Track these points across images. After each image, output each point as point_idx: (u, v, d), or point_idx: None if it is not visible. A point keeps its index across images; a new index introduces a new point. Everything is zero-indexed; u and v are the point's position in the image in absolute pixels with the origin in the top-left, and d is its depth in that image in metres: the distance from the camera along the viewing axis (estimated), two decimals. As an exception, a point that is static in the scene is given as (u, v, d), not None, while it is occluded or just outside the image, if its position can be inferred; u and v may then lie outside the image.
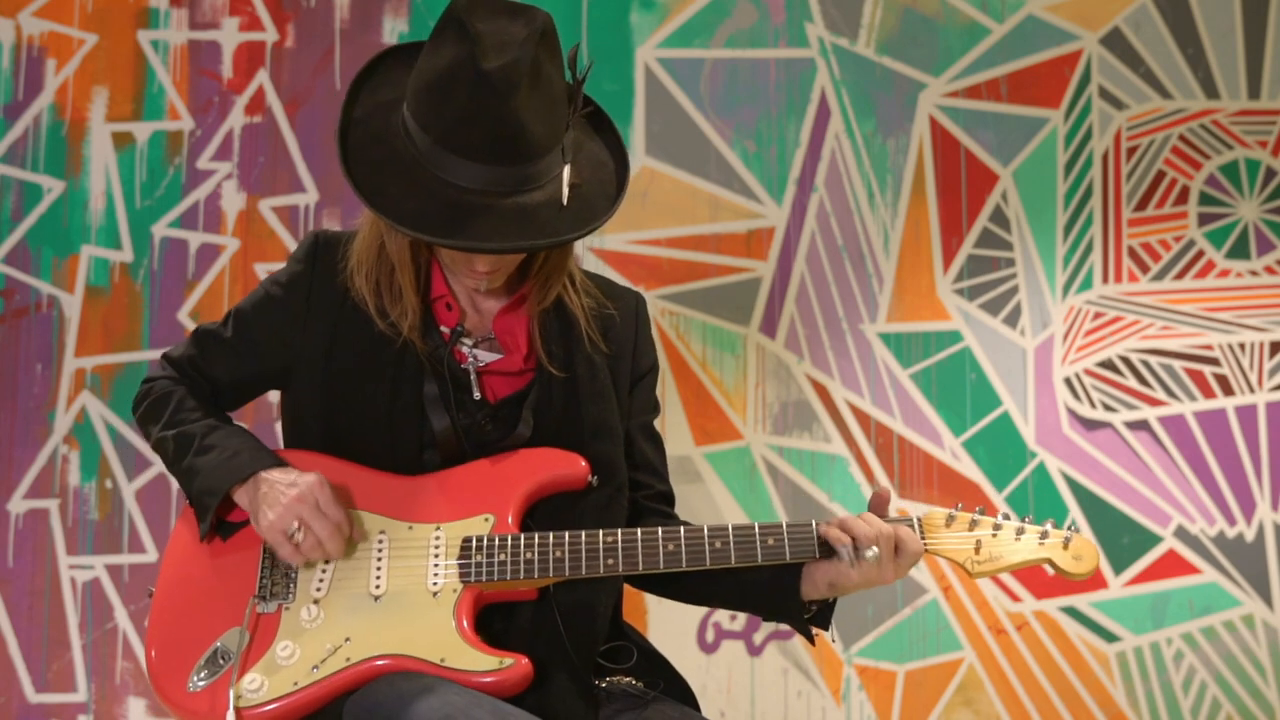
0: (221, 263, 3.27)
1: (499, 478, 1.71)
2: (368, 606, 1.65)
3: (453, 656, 1.60)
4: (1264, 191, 3.27)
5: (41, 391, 3.22)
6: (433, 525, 1.69)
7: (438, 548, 1.67)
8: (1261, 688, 3.16)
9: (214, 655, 1.64)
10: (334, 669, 1.61)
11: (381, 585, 1.65)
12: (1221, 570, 3.18)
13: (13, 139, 3.29)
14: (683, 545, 1.68)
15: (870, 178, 3.31)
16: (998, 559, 1.74)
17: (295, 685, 1.60)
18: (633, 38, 3.33)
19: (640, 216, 3.29)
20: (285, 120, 3.31)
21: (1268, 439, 3.21)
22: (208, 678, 1.62)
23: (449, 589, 1.65)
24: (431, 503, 1.71)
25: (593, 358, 1.78)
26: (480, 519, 1.69)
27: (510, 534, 1.67)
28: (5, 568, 3.17)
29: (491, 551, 1.65)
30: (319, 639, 1.63)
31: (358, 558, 1.68)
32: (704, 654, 3.18)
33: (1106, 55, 3.32)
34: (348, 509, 1.68)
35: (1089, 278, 3.27)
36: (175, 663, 1.65)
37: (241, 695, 1.60)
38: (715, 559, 1.68)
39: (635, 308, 1.89)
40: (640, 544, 1.67)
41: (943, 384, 3.25)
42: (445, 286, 1.77)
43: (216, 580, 1.70)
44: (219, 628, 1.65)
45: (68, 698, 3.14)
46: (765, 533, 1.69)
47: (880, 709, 3.17)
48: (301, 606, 1.65)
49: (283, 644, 1.63)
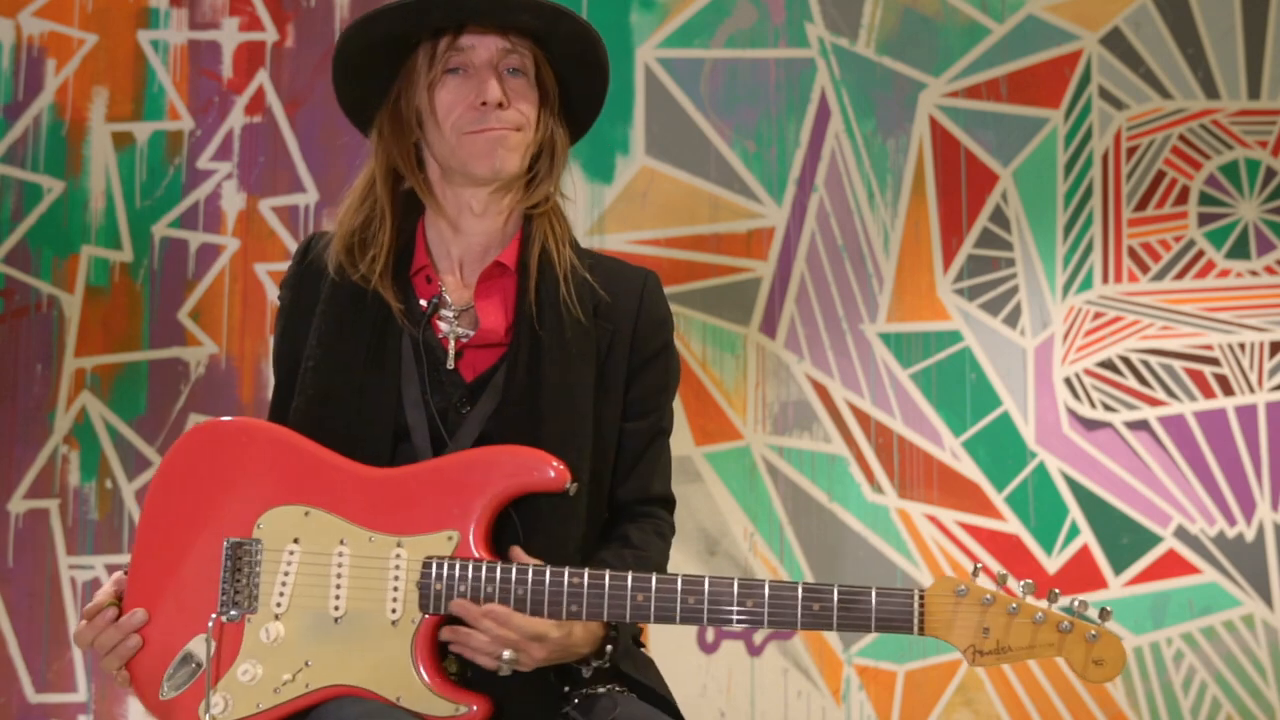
0: (221, 263, 3.27)
1: (464, 485, 1.63)
2: (327, 628, 1.62)
3: (409, 697, 1.58)
4: (1264, 191, 3.27)
5: (41, 391, 3.22)
6: (394, 540, 1.63)
7: (398, 568, 1.61)
8: (1261, 688, 3.16)
9: (182, 661, 1.64)
10: (294, 694, 1.61)
11: (341, 606, 1.62)
12: (1221, 570, 3.18)
13: (13, 139, 3.29)
14: (652, 598, 1.56)
15: (870, 178, 3.31)
16: (1005, 649, 1.45)
17: (258, 707, 1.61)
18: (633, 38, 3.33)
19: (640, 216, 3.29)
20: (285, 120, 3.31)
21: (1268, 439, 3.21)
22: (177, 686, 1.64)
23: (408, 619, 1.60)
24: (394, 508, 1.65)
25: (566, 321, 1.72)
26: (443, 536, 1.62)
27: (472, 561, 1.59)
28: (5, 568, 3.17)
29: (452, 580, 1.59)
30: (279, 661, 1.62)
31: (316, 569, 1.64)
32: (704, 654, 3.19)
33: (1106, 55, 3.32)
34: (306, 507, 1.65)
35: (1089, 278, 3.27)
36: (149, 667, 1.67)
37: (208, 711, 1.62)
38: (686, 616, 1.55)
39: (642, 285, 1.81)
40: (607, 593, 1.57)
41: (943, 384, 3.25)
42: (426, 257, 1.77)
43: (186, 578, 1.68)
44: (189, 632, 1.65)
45: (68, 698, 3.14)
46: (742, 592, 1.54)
47: (880, 709, 3.17)
48: (263, 623, 1.63)
49: (244, 666, 1.62)
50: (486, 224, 1.77)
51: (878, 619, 1.48)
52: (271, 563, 1.65)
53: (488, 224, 1.77)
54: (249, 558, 1.65)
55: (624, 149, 3.30)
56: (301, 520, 1.66)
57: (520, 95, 1.73)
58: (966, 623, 1.45)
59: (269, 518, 1.67)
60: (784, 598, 1.52)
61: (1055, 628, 1.44)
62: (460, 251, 1.78)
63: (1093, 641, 1.43)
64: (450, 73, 1.72)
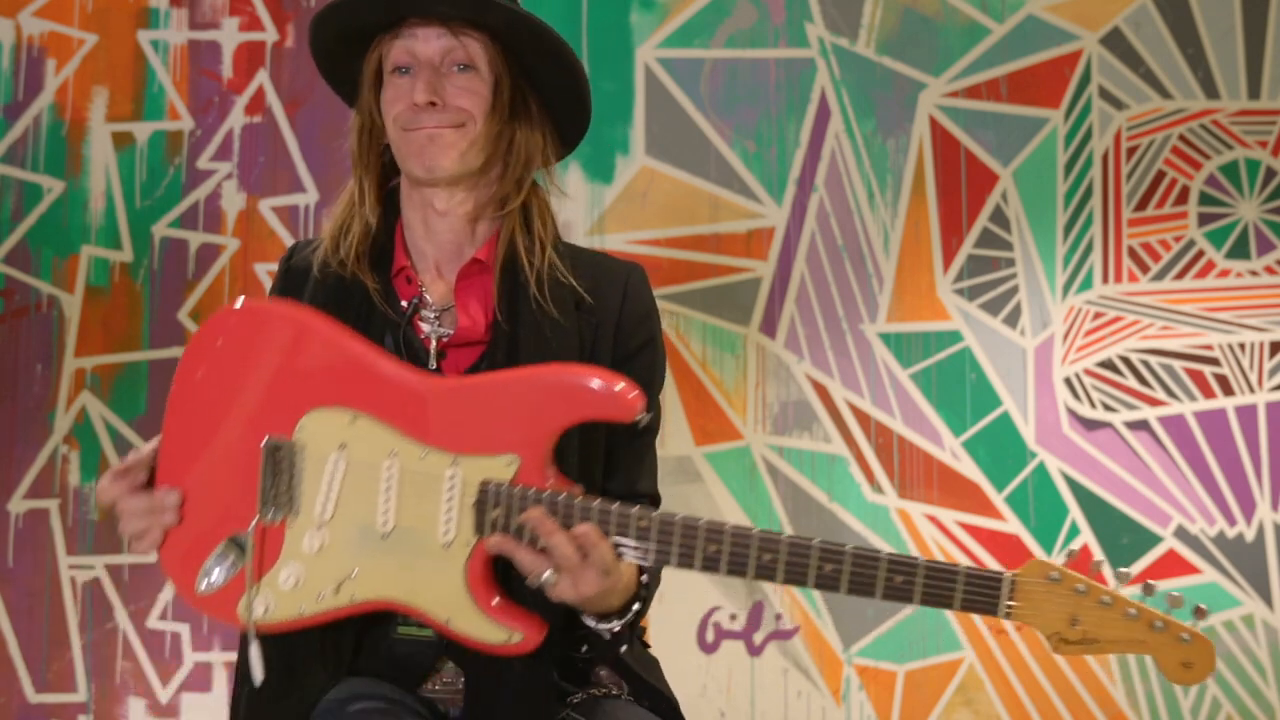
0: (221, 263, 3.27)
1: (531, 404, 1.53)
2: (374, 541, 1.55)
3: (460, 619, 1.53)
4: (1264, 191, 3.27)
5: (41, 391, 3.22)
6: (449, 458, 1.54)
7: (452, 489, 1.53)
8: (1261, 688, 3.16)
9: (220, 556, 1.58)
10: (338, 604, 1.56)
11: (389, 521, 1.55)
12: (1221, 570, 3.18)
13: (13, 139, 3.29)
14: (772, 554, 1.47)
15: (870, 178, 3.31)
16: (1092, 641, 1.38)
17: (301, 612, 1.57)
18: (633, 38, 3.33)
19: (640, 216, 3.29)
20: (285, 120, 3.31)
21: (1268, 439, 3.21)
22: (215, 582, 1.58)
23: (461, 541, 1.53)
24: (450, 423, 1.55)
25: (541, 316, 1.69)
26: (503, 460, 1.53)
27: (535, 489, 1.52)
28: (5, 568, 3.17)
29: (510, 507, 1.51)
30: (323, 570, 1.56)
31: (364, 479, 1.56)
32: (704, 654, 3.18)
33: (1106, 55, 3.32)
34: (354, 412, 1.57)
35: (1089, 278, 3.27)
36: (185, 555, 1.60)
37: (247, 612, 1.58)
38: (761, 571, 1.47)
39: (625, 279, 1.78)
40: (703, 537, 1.47)
41: (943, 384, 3.25)
42: (405, 258, 1.77)
43: (221, 470, 1.60)
44: (226, 527, 1.58)
45: (68, 698, 3.14)
46: (823, 554, 1.47)
47: (880, 709, 3.17)
48: (305, 529, 1.57)
49: (285, 571, 1.56)
50: (452, 222, 1.75)
51: (964, 599, 1.42)
52: (314, 468, 1.57)
53: (453, 222, 1.75)
54: (289, 460, 1.58)
55: (624, 149, 3.30)
56: (347, 426, 1.58)
57: (464, 90, 1.69)
58: (1055, 610, 1.40)
59: (312, 419, 1.59)
60: (867, 565, 1.45)
61: (1149, 625, 1.38)
62: (434, 250, 1.77)
63: (1185, 644, 1.37)
64: (398, 71, 1.72)
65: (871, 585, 1.44)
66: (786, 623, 3.19)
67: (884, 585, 1.43)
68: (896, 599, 1.44)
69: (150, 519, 1.60)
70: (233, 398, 1.61)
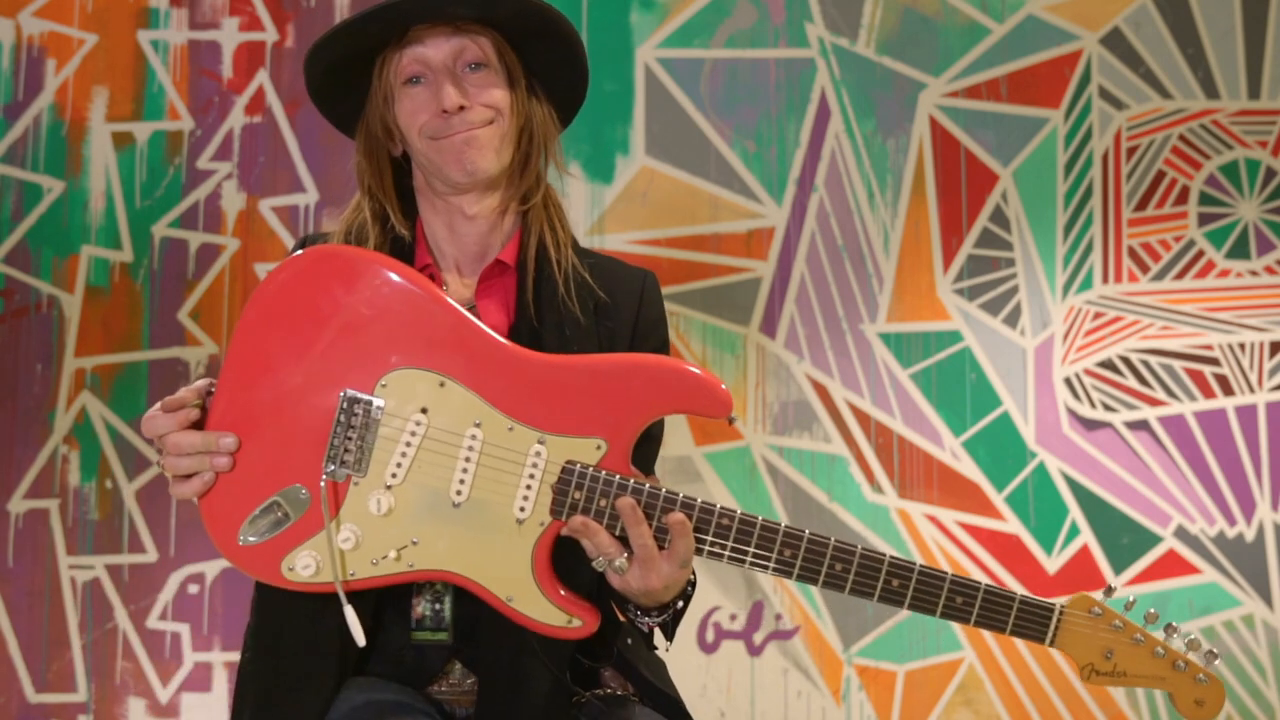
0: (221, 263, 3.27)
1: (627, 391, 1.52)
2: (444, 510, 1.51)
3: (521, 599, 1.51)
4: (1264, 191, 3.27)
5: (41, 391, 3.22)
6: (536, 434, 1.52)
7: (535, 465, 1.51)
8: (1261, 688, 3.16)
9: (269, 508, 1.52)
10: (393, 570, 1.52)
11: (464, 491, 1.51)
12: (1221, 570, 3.18)
13: (13, 139, 3.29)
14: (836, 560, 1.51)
15: (870, 178, 3.31)
16: (1121, 674, 1.52)
17: (351, 575, 1.51)
18: (633, 38, 3.33)
19: (640, 216, 3.29)
20: (285, 120, 3.31)
21: (1268, 439, 3.21)
22: (261, 534, 1.52)
23: (535, 520, 1.51)
24: (541, 399, 1.52)
25: (565, 316, 1.69)
26: (592, 443, 1.52)
27: (619, 475, 1.51)
28: (5, 568, 3.17)
29: (593, 493, 1.51)
30: (384, 534, 1.51)
31: (444, 446, 1.52)
32: (704, 654, 3.18)
33: (1106, 55, 3.32)
34: (443, 376, 1.52)
35: (1089, 278, 3.27)
36: (230, 504, 1.53)
37: (293, 569, 1.52)
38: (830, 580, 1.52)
39: (641, 285, 1.79)
40: (781, 541, 1.51)
41: (943, 384, 3.25)
42: (429, 257, 1.76)
43: (285, 419, 1.52)
44: (280, 478, 1.52)
45: (68, 698, 3.14)
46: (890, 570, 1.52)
47: (880, 709, 3.17)
48: (372, 490, 1.52)
49: (345, 531, 1.51)
50: (480, 225, 1.75)
51: (1016, 624, 1.51)
52: (392, 428, 1.52)
53: (481, 225, 1.75)
54: (366, 417, 1.52)
55: (624, 149, 3.30)
56: (435, 389, 1.53)
57: (484, 87, 1.69)
58: (1094, 642, 1.52)
59: (397, 378, 1.53)
60: (931, 584, 1.51)
61: (1172, 664, 1.52)
62: (456, 252, 1.77)
63: (1201, 684, 1.52)
64: (411, 82, 1.70)
65: (934, 604, 1.52)
66: (786, 623, 3.19)
67: (944, 604, 1.51)
68: (954, 618, 1.51)
69: (202, 460, 1.52)
70: (308, 345, 1.53)
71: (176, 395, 1.55)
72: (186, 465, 1.53)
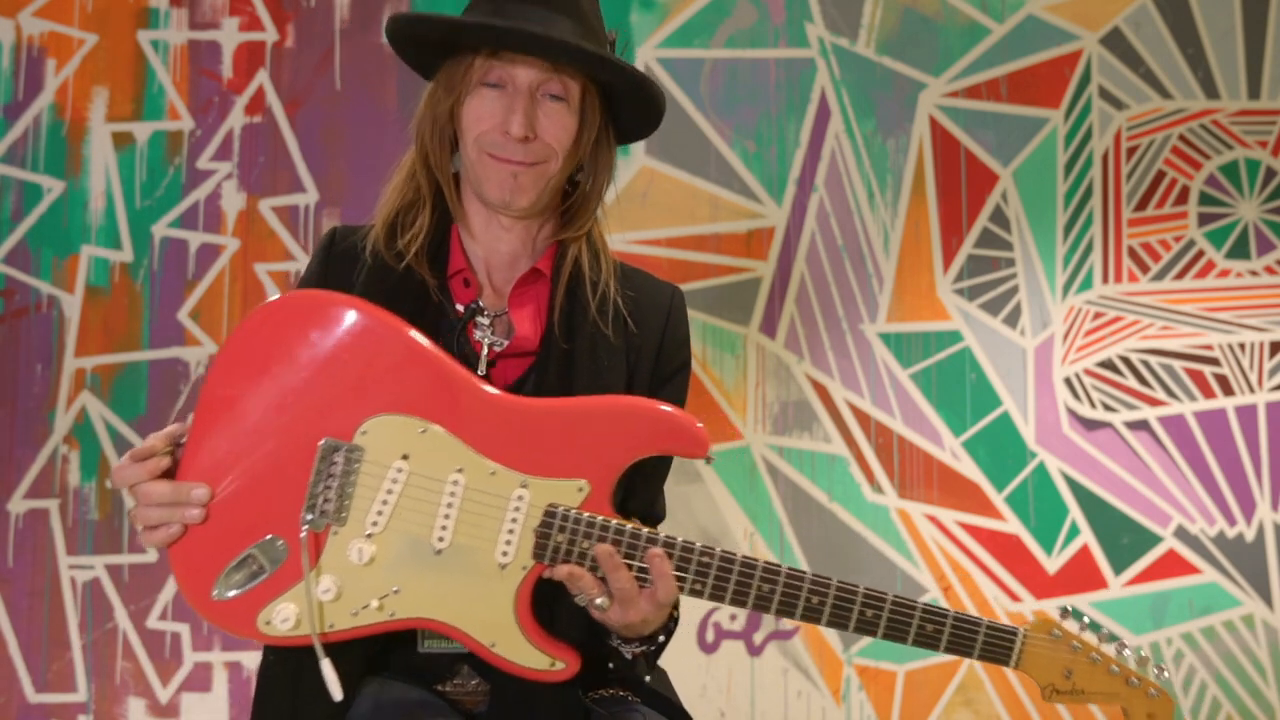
0: (221, 263, 3.27)
1: (609, 432, 1.51)
2: (425, 558, 1.49)
3: (504, 644, 1.50)
4: (1264, 191, 3.27)
5: (41, 391, 3.22)
6: (520, 477, 1.50)
7: (518, 509, 1.50)
8: (1261, 688, 3.16)
9: (244, 561, 1.48)
10: (374, 620, 1.49)
11: (446, 538, 1.49)
12: (1221, 570, 3.18)
13: (13, 139, 3.29)
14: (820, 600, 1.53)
15: (870, 178, 3.31)
16: (1079, 692, 1.58)
17: (330, 628, 1.48)
18: (633, 38, 3.33)
19: (640, 216, 3.29)
20: (285, 120, 3.31)
21: (1268, 439, 3.21)
22: (236, 588, 1.48)
23: (518, 564, 1.49)
24: (522, 442, 1.51)
25: (597, 335, 1.68)
26: (574, 485, 1.51)
27: (601, 517, 1.50)
28: (5, 568, 3.17)
29: (575, 536, 1.50)
30: (365, 583, 1.48)
31: (425, 493, 1.50)
32: (704, 654, 3.18)
33: (1106, 55, 3.32)
34: (424, 422, 1.50)
35: (1089, 278, 3.27)
36: (202, 557, 1.48)
37: (270, 623, 1.48)
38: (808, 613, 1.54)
39: (669, 301, 1.78)
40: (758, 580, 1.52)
41: (943, 384, 3.25)
42: (464, 260, 1.74)
43: (261, 469, 1.49)
44: (255, 529, 1.48)
45: (68, 698, 3.14)
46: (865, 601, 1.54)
47: (880, 709, 3.17)
48: (351, 539, 1.49)
49: (325, 582, 1.47)
50: (518, 233, 1.74)
51: (982, 649, 1.56)
52: (373, 476, 1.50)
53: (519, 233, 1.74)
54: (346, 465, 1.49)
55: (624, 149, 3.30)
56: (416, 436, 1.50)
57: (555, 122, 1.68)
58: (1054, 663, 1.57)
59: (376, 425, 1.50)
60: (903, 613, 1.55)
61: (1125, 681, 1.58)
62: (488, 255, 1.76)
63: (1152, 698, 1.58)
64: (489, 85, 1.68)
65: (906, 632, 1.55)
66: (786, 623, 3.19)
67: (915, 632, 1.55)
68: (924, 645, 1.56)
69: (171, 512, 1.48)
70: (284, 391, 1.50)
71: (145, 444, 1.51)
72: (156, 516, 1.49)
